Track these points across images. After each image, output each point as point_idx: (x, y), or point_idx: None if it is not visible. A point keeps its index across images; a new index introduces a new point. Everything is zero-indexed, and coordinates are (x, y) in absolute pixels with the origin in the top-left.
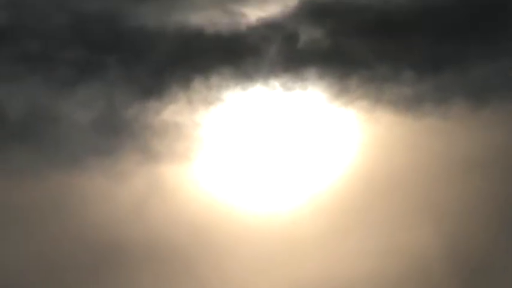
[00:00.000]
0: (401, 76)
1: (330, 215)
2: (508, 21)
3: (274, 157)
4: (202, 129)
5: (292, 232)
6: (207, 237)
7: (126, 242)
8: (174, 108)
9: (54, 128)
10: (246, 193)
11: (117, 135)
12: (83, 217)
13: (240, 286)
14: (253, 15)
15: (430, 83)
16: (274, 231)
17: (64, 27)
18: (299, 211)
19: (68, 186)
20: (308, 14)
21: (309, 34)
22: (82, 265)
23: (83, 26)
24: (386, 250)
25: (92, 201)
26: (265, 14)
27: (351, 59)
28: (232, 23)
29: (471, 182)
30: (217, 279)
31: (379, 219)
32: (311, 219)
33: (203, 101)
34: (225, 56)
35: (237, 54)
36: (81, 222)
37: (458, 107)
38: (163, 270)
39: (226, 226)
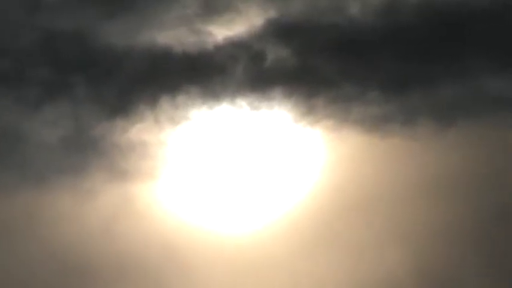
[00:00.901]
0: (368, 96)
1: (298, 234)
2: (475, 41)
3: (240, 176)
4: (169, 148)
5: (259, 252)
6: (176, 257)
7: (94, 260)
8: (141, 127)
9: (22, 147)
10: (213, 213)
11: (84, 154)
12: (50, 235)
13: None
14: (220, 34)
15: (396, 102)
16: (242, 250)
17: (32, 46)
18: (266, 230)
19: (35, 205)
20: (275, 33)
21: (276, 53)
22: (50, 285)
23: (51, 45)
24: (355, 269)
25: (59, 219)
26: (232, 33)
27: (318, 78)
28: (199, 42)
29: (438, 202)
30: None
31: (347, 238)
32: (278, 238)
33: (170, 120)
34: (192, 75)
35: (204, 73)
36: (48, 241)
37: (425, 127)
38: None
39: (194, 246)
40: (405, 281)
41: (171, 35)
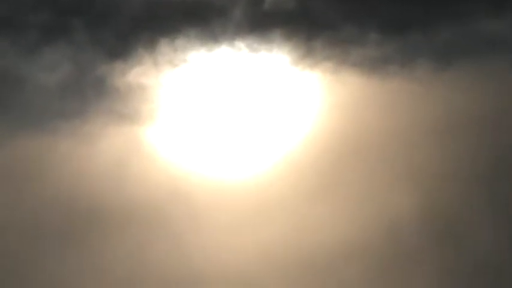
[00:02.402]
0: (367, 37)
1: (300, 178)
2: None
3: (239, 120)
4: (168, 91)
5: (261, 195)
6: (178, 200)
7: (97, 202)
8: (140, 70)
9: (20, 91)
10: (212, 157)
11: (83, 97)
12: (50, 178)
13: (215, 247)
14: None
15: (395, 44)
16: (245, 194)
17: None
18: (268, 174)
19: (35, 148)
20: None
21: None
22: (54, 228)
23: None
24: (359, 212)
25: (60, 163)
26: None
27: (317, 20)
28: None
29: (439, 143)
30: (192, 239)
31: (349, 182)
32: (280, 182)
33: (169, 62)
34: (191, 18)
35: (203, 15)
36: (49, 184)
37: (424, 68)
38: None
39: (195, 190)
40: (411, 223)
41: None
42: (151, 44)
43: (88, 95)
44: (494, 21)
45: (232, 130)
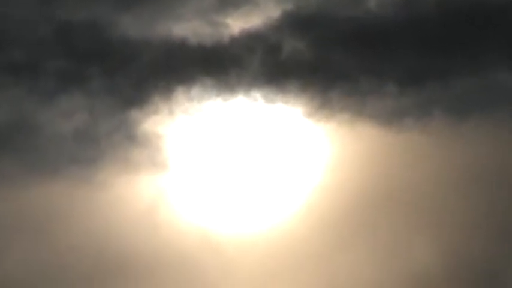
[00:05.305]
0: (384, 89)
1: (318, 229)
2: (490, 36)
3: (254, 170)
4: (183, 140)
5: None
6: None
7: (110, 250)
8: (156, 118)
9: (36, 137)
10: (226, 211)
11: (98, 146)
12: (64, 228)
13: None
14: (237, 26)
15: (412, 96)
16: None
17: (48, 37)
18: (284, 226)
19: (49, 196)
20: (291, 25)
21: (292, 46)
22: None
23: (67, 36)
24: (383, 266)
25: (73, 211)
26: (249, 26)
27: (333, 71)
28: (215, 34)
29: (455, 195)
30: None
31: (367, 234)
32: (300, 232)
33: (184, 111)
34: (208, 67)
35: (220, 65)
36: (62, 233)
37: (440, 121)
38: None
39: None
40: (437, 275)
41: (187, 27)
42: (167, 92)
43: (103, 142)
44: (510, 75)
45: (247, 181)
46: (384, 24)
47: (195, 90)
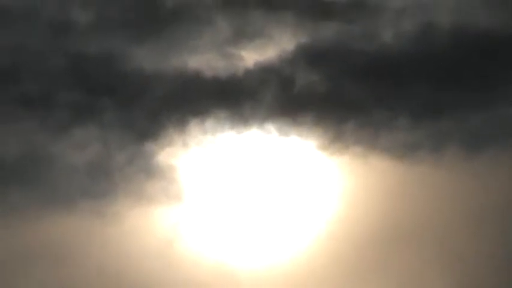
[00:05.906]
0: (397, 122)
1: (328, 263)
2: (504, 69)
3: (269, 204)
4: (197, 173)
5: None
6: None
7: (124, 283)
8: (170, 151)
9: (49, 170)
10: (242, 241)
11: (111, 178)
12: (77, 260)
13: None
14: (251, 59)
15: (425, 129)
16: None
17: (61, 69)
18: (297, 259)
19: (62, 229)
20: (305, 58)
21: (306, 79)
22: None
23: (80, 69)
24: None
25: (87, 244)
26: (263, 58)
27: (347, 104)
28: (229, 67)
29: (468, 229)
30: None
31: (380, 267)
32: (313, 265)
33: (198, 144)
34: (222, 100)
35: (234, 97)
36: (76, 266)
37: (454, 154)
38: None
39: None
40: None
41: (202, 59)
42: (181, 125)
43: (117, 175)
44: None
45: (261, 213)
46: (398, 58)
47: (209, 123)
